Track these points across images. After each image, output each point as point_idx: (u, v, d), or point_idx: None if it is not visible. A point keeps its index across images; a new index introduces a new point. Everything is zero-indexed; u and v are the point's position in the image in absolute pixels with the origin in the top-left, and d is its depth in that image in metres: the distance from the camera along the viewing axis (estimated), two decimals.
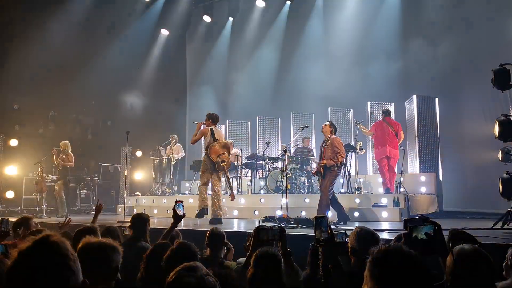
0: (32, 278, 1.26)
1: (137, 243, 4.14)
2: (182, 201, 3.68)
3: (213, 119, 8.43)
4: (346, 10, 13.30)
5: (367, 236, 2.96)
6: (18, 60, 12.03)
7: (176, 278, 1.64)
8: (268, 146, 11.53)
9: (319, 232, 2.53)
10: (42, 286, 1.26)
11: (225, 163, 8.23)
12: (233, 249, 4.06)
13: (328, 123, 7.71)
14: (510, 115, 6.03)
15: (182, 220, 3.97)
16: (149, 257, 3.05)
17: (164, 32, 15.96)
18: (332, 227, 2.76)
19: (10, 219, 5.06)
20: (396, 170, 9.68)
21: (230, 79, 15.65)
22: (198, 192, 8.66)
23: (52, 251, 1.33)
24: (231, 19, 15.99)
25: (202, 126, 8.43)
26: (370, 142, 11.09)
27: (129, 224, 4.41)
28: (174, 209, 3.54)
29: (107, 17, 14.02)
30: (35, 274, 1.27)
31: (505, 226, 5.79)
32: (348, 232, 3.15)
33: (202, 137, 8.53)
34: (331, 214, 7.85)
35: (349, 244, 2.98)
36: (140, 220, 4.40)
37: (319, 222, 2.55)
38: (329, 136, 7.54)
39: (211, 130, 8.26)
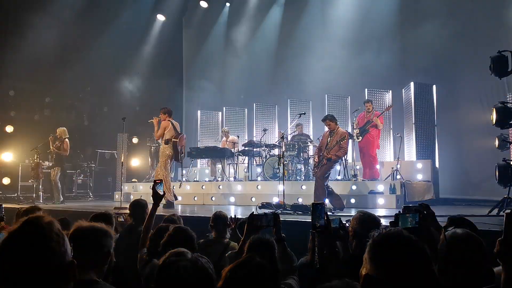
0: (13, 258, 1.29)
1: (137, 228, 4.19)
2: (161, 181, 3.66)
3: (169, 113, 8.84)
4: None
5: (369, 220, 2.99)
6: (13, 46, 11.91)
7: (170, 263, 1.65)
8: (265, 133, 11.52)
9: (316, 219, 2.54)
10: (23, 266, 1.28)
11: (183, 154, 8.88)
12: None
13: (328, 119, 7.59)
14: (507, 102, 6.03)
15: (180, 207, 3.98)
16: (153, 239, 3.15)
17: (160, 17, 15.80)
18: (328, 213, 2.77)
19: (6, 205, 5.04)
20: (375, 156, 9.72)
21: (227, 66, 15.55)
22: (164, 183, 8.53)
23: (35, 232, 1.34)
24: (228, 4, 15.86)
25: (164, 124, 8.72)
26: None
27: (125, 211, 4.43)
28: (154, 189, 3.48)
29: (103, 2, 13.85)
30: (17, 254, 1.29)
31: (501, 213, 5.82)
32: (343, 219, 3.17)
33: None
34: (327, 201, 7.87)
35: (350, 228, 3.00)
36: (138, 206, 4.44)
37: (316, 208, 2.56)
38: (336, 128, 7.55)
39: (171, 123, 8.69)
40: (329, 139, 7.53)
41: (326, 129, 7.77)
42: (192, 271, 1.62)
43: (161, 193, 3.51)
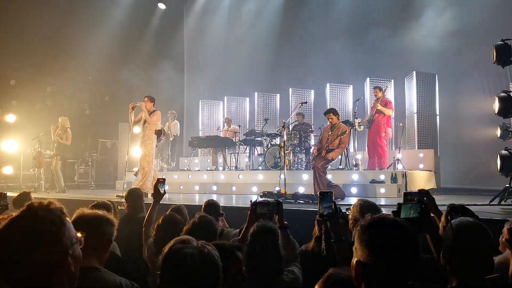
0: (8, 246, 1.29)
1: (135, 216, 4.25)
2: (164, 179, 3.71)
3: (154, 101, 8.61)
4: None
5: (370, 208, 2.99)
6: (14, 36, 11.86)
7: (176, 250, 1.64)
8: (266, 122, 11.49)
9: (323, 207, 2.55)
10: (17, 255, 1.28)
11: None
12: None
13: (331, 112, 7.60)
14: (510, 91, 6.00)
15: (182, 196, 4.03)
16: (160, 228, 3.23)
17: (161, 6, 15.71)
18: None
19: (9, 194, 5.06)
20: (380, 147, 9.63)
21: (228, 55, 15.47)
22: (147, 174, 8.45)
23: (26, 218, 1.34)
24: None
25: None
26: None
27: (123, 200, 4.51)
28: (156, 187, 3.56)
29: None
30: (11, 243, 1.30)
31: (502, 202, 5.83)
32: (343, 208, 3.17)
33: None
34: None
35: (351, 217, 3.00)
36: (134, 196, 4.52)
37: (323, 197, 2.57)
38: (338, 122, 7.57)
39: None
40: (330, 133, 7.55)
41: (328, 122, 7.76)
42: (198, 258, 1.62)
43: (162, 191, 3.57)
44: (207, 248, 1.68)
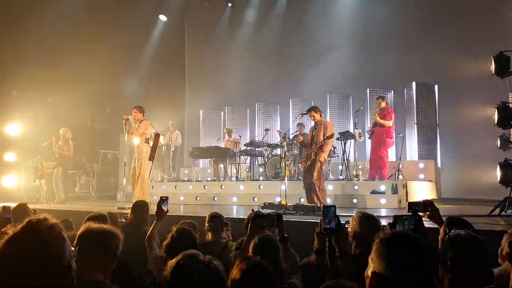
0: (11, 261, 1.32)
1: (140, 228, 4.26)
2: (167, 198, 3.73)
3: (144, 111, 8.61)
4: None
5: (369, 221, 3.00)
6: (16, 47, 11.93)
7: (184, 265, 1.66)
8: (267, 133, 11.53)
9: (326, 221, 2.56)
10: (21, 269, 1.31)
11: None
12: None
13: (312, 110, 7.67)
14: (509, 102, 6.03)
15: (182, 207, 4.04)
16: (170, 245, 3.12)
17: (162, 17, 15.84)
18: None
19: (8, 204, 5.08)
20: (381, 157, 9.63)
21: (229, 65, 15.54)
22: (142, 183, 8.32)
23: (33, 236, 1.37)
24: (229, 4, 15.86)
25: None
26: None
27: (127, 211, 4.50)
28: (159, 205, 3.59)
29: (105, 2, 13.87)
30: (14, 258, 1.32)
31: (503, 213, 5.83)
32: (342, 220, 3.19)
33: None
34: (329, 200, 7.91)
35: (350, 229, 3.01)
36: (140, 207, 4.52)
37: (327, 211, 2.58)
38: (320, 119, 7.63)
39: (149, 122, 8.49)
40: (314, 132, 7.58)
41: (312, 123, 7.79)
42: (206, 274, 1.64)
43: (165, 209, 3.60)
44: (213, 263, 1.70)
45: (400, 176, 9.15)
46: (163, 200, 3.64)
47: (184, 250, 1.79)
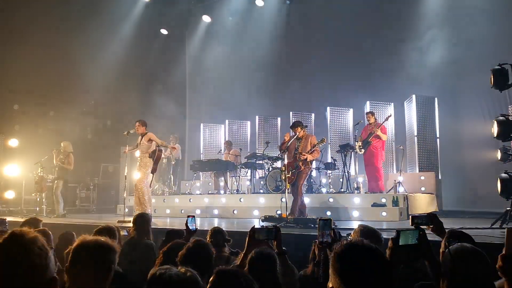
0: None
1: (142, 241, 4.24)
2: (193, 216, 3.74)
3: (147, 125, 8.89)
4: (346, 9, 13.26)
5: (370, 234, 3.00)
6: (17, 60, 12.01)
7: (160, 274, 1.73)
8: (267, 145, 11.54)
9: (322, 234, 2.56)
10: (5, 280, 1.33)
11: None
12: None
13: (299, 126, 7.80)
14: (508, 115, 6.04)
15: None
16: (166, 253, 3.14)
17: (164, 31, 15.97)
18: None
19: (10, 219, 5.08)
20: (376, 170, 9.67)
21: (230, 79, 15.61)
22: (144, 195, 8.61)
23: (17, 247, 1.39)
24: (230, 19, 15.98)
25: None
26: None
27: (129, 224, 4.49)
28: (186, 225, 3.66)
29: (106, 16, 13.99)
30: (4, 267, 1.35)
31: (504, 226, 5.81)
32: (344, 233, 3.19)
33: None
34: (329, 213, 7.89)
35: None
36: (141, 220, 4.51)
37: (323, 224, 2.58)
38: (305, 134, 7.82)
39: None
40: (297, 144, 7.71)
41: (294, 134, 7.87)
42: (183, 276, 1.73)
43: (192, 228, 3.61)
44: (190, 271, 1.78)
45: (401, 189, 9.13)
46: (190, 218, 3.67)
47: (199, 262, 1.84)
